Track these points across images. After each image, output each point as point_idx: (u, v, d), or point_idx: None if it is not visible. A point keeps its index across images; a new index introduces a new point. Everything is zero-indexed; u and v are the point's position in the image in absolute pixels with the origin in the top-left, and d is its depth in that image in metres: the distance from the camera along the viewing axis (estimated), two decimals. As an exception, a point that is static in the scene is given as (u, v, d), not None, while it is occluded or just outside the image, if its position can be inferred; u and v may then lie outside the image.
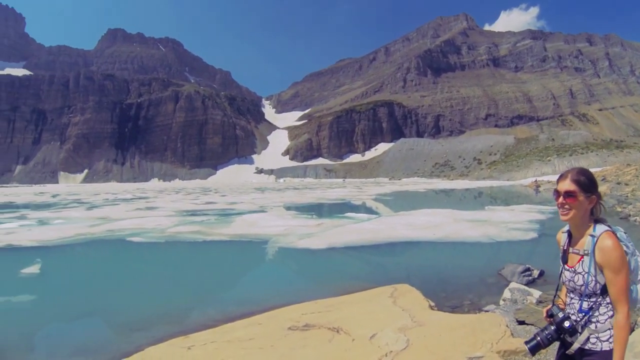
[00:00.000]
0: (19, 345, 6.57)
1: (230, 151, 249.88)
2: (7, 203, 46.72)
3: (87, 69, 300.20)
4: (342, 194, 51.27)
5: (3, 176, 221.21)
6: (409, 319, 5.96)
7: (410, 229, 15.80)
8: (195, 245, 14.75)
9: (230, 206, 31.35)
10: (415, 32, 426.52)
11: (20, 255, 13.75)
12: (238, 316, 6.95)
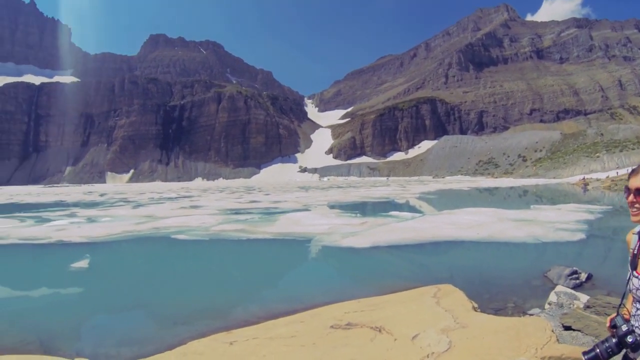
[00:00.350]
0: (68, 335, 6.83)
1: (273, 150, 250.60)
2: (58, 201, 48.28)
3: (131, 74, 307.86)
4: (386, 192, 50.87)
5: (54, 176, 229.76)
6: (452, 320, 5.87)
7: (454, 228, 15.55)
8: (239, 243, 14.85)
9: (274, 205, 31.41)
10: (456, 26, 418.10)
11: (70, 251, 14.27)
12: (280, 313, 7.00)
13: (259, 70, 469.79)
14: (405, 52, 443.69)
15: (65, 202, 45.98)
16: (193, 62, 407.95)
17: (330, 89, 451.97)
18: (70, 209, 34.40)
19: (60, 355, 5.76)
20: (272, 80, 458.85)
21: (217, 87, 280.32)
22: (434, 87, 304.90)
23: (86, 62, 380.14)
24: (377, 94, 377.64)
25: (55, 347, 6.14)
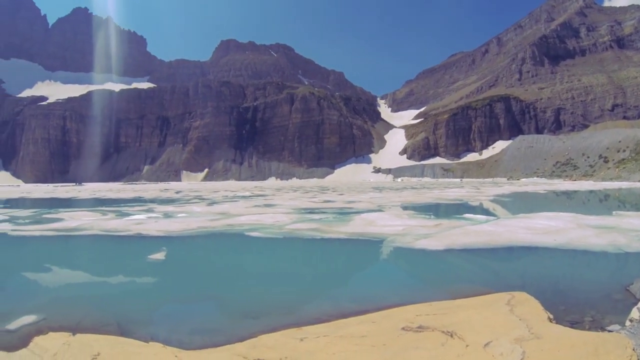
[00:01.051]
0: (143, 320, 7.29)
1: (347, 150, 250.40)
2: (136, 197, 50.84)
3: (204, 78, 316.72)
4: (460, 194, 49.75)
5: (133, 175, 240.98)
6: (526, 329, 5.73)
7: (530, 233, 15.07)
8: (313, 242, 14.99)
9: (348, 205, 31.30)
10: (528, 18, 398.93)
11: (148, 243, 15.08)
12: (352, 313, 7.06)
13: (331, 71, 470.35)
14: (476, 49, 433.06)
15: (143, 198, 48.20)
16: (264, 65, 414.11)
17: (402, 88, 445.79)
18: (148, 204, 35.98)
19: (135, 338, 6.19)
20: (344, 81, 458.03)
21: (289, 89, 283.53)
22: (507, 84, 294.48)
23: (161, 69, 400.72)
24: (450, 92, 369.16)
25: (131, 331, 6.58)
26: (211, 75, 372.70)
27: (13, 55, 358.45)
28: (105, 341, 6.02)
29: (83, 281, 10.58)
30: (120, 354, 5.56)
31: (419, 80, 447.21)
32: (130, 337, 6.27)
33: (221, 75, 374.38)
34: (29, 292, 9.60)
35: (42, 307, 7.74)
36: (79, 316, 7.25)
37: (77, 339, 6.09)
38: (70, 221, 21.29)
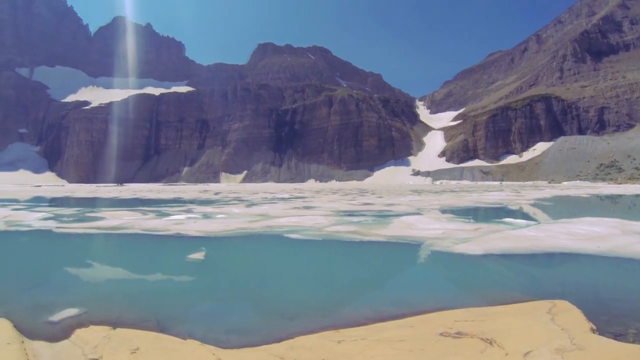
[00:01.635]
0: (181, 318, 7.40)
1: (386, 153, 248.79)
2: (176, 198, 51.44)
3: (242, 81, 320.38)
4: (499, 197, 48.82)
5: (172, 176, 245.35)
6: (568, 340, 5.58)
7: (572, 239, 14.62)
8: (352, 244, 14.91)
9: (387, 208, 30.99)
10: (568, 12, 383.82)
11: (187, 243, 15.24)
12: (389, 316, 7.01)
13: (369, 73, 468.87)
14: (515, 47, 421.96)
15: (182, 199, 48.69)
16: (302, 67, 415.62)
17: (440, 90, 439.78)
18: (187, 205, 36.32)
19: (173, 335, 6.30)
20: (382, 82, 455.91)
21: (327, 91, 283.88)
22: (548, 83, 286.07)
23: (200, 73, 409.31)
24: (489, 93, 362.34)
25: (169, 327, 6.70)
26: (249, 79, 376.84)
27: (58, 63, 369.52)
28: (144, 336, 6.16)
29: (123, 278, 10.83)
30: (158, 350, 5.67)
31: (457, 81, 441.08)
32: (169, 333, 6.39)
33: (259, 79, 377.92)
34: (71, 286, 9.92)
35: (84, 301, 7.98)
36: (119, 311, 7.45)
37: (117, 333, 6.26)
38: (111, 220, 21.80)
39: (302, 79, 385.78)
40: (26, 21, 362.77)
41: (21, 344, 5.71)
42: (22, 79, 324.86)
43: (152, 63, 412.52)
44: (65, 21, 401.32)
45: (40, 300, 8.45)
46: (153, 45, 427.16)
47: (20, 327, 6.51)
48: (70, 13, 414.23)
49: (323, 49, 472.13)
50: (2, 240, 17.41)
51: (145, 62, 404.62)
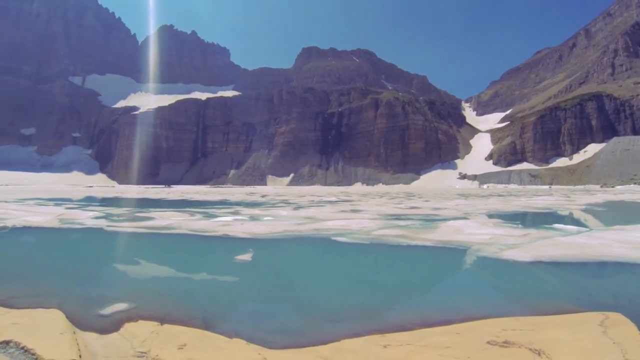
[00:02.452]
0: (227, 317, 7.51)
1: (433, 156, 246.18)
2: (223, 200, 51.85)
3: (288, 85, 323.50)
4: (549, 202, 47.29)
5: (219, 178, 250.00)
6: (620, 354, 5.32)
7: (626, 247, 13.88)
8: (399, 248, 14.71)
9: (434, 212, 30.52)
10: (617, 4, 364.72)
11: (234, 244, 15.36)
12: (435, 322, 6.91)
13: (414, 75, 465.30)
14: (563, 43, 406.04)
15: (229, 201, 49.09)
16: (347, 70, 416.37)
17: (487, 90, 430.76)
18: (234, 207, 36.50)
19: (219, 333, 6.36)
20: (427, 84, 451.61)
21: (373, 94, 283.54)
22: (599, 81, 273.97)
23: (245, 77, 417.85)
24: (537, 93, 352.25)
25: (216, 326, 6.76)
26: (295, 82, 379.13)
27: (108, 71, 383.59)
28: (191, 333, 6.27)
29: (171, 276, 11.04)
30: (205, 347, 5.74)
31: (503, 81, 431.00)
32: (215, 331, 6.46)
33: (304, 82, 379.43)
34: (121, 282, 10.25)
35: (133, 296, 8.23)
36: (167, 308, 7.59)
37: (165, 329, 6.41)
38: (160, 220, 22.23)
39: (347, 82, 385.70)
40: (78, 33, 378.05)
41: (73, 334, 5.90)
42: (75, 87, 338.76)
43: (199, 69, 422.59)
44: (114, 32, 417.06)
45: (91, 293, 8.78)
46: (199, 51, 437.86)
47: (72, 318, 6.73)
48: (119, 24, 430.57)
49: (367, 51, 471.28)
50: (57, 236, 18.05)
51: (192, 68, 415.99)
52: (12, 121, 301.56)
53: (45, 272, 11.22)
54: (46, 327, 6.14)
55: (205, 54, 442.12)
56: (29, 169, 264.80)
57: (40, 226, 20.29)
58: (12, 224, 20.49)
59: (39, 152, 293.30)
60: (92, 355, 5.48)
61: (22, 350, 5.28)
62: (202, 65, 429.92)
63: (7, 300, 7.83)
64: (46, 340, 5.59)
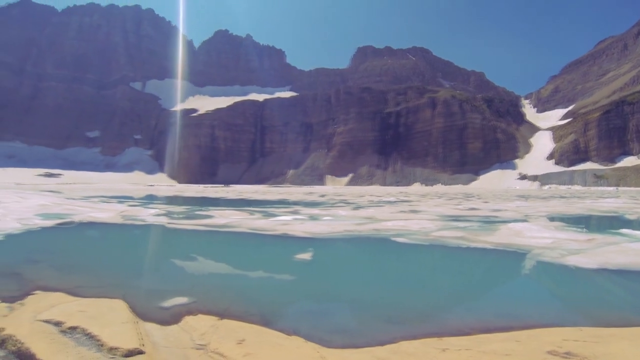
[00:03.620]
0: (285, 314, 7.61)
1: (491, 156, 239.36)
2: (281, 200, 52.15)
3: (345, 85, 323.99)
4: (616, 205, 44.67)
5: (277, 178, 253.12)
6: None
7: None
8: (458, 250, 14.47)
9: (493, 213, 29.80)
10: None
11: (293, 243, 15.44)
12: (494, 328, 6.74)
13: (471, 72, 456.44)
14: (627, 31, 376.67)
15: (288, 201, 49.30)
16: (403, 69, 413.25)
17: (547, 86, 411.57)
18: (293, 206, 36.64)
19: (277, 330, 6.43)
20: (485, 81, 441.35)
21: (430, 93, 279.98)
22: None
23: (302, 78, 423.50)
24: (600, 86, 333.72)
25: (273, 322, 6.85)
26: (351, 82, 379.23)
27: (166, 76, 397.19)
28: (249, 329, 6.38)
29: (231, 273, 11.23)
30: (263, 343, 5.82)
31: (564, 75, 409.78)
32: (273, 328, 6.53)
33: (361, 82, 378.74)
34: (181, 277, 10.54)
35: (193, 291, 8.43)
36: (226, 303, 7.73)
37: (224, 324, 6.54)
38: (219, 218, 22.55)
39: (404, 80, 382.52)
40: (136, 42, 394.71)
41: (135, 324, 6.13)
42: (135, 92, 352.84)
43: (255, 71, 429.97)
44: (171, 38, 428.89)
45: (152, 287, 9.15)
46: (254, 54, 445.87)
47: (134, 309, 7.01)
48: (175, 31, 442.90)
49: (423, 49, 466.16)
50: (120, 232, 18.82)
51: (248, 70, 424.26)
52: (78, 125, 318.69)
53: (109, 265, 11.76)
54: (110, 316, 6.40)
55: (261, 56, 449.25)
56: (93, 169, 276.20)
57: (105, 222, 21.25)
58: (78, 219, 21.52)
59: (103, 153, 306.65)
60: (153, 345, 5.66)
61: (87, 336, 5.55)
62: (258, 67, 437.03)
63: (74, 289, 8.27)
64: (110, 328, 5.83)
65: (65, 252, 13.92)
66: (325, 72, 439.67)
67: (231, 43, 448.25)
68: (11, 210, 24.12)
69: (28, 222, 19.41)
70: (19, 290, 8.24)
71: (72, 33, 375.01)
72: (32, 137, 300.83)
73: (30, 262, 11.33)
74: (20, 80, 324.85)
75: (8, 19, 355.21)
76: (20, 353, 5.15)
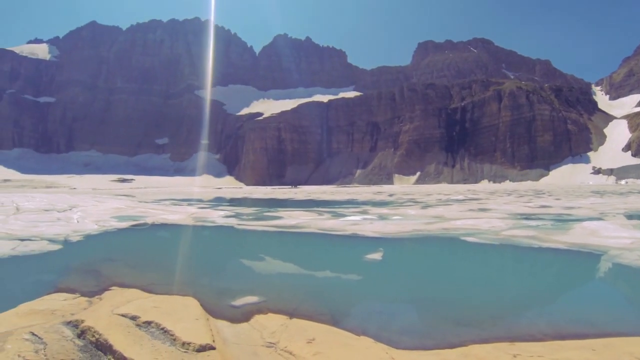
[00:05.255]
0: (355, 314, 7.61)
1: (563, 149, 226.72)
2: (350, 200, 52.07)
3: (408, 82, 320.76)
4: (703, 201, 42.15)
5: (345, 178, 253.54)
6: None
7: None
8: (530, 250, 13.92)
9: (566, 211, 28.31)
10: None
11: (363, 243, 15.32)
12: (568, 335, 6.40)
13: (536, 60, 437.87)
14: None
15: (356, 201, 49.19)
16: (466, 62, 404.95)
17: (619, 69, 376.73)
18: (362, 206, 36.50)
19: (346, 330, 6.40)
20: (551, 69, 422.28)
21: (495, 85, 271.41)
22: None
23: (364, 77, 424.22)
24: None
25: (343, 322, 6.85)
26: (414, 79, 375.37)
27: (230, 82, 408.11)
28: (319, 328, 6.41)
29: (300, 273, 11.36)
30: (333, 342, 5.83)
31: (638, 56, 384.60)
32: (342, 328, 6.53)
33: (424, 78, 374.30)
34: (251, 276, 10.84)
35: (263, 290, 8.56)
36: (296, 303, 7.82)
37: (294, 323, 6.63)
38: (288, 219, 22.74)
39: (467, 74, 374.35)
40: (198, 52, 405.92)
41: (207, 321, 6.28)
42: (201, 99, 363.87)
43: (317, 72, 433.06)
44: (232, 46, 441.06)
45: (223, 285, 9.42)
46: (315, 56, 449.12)
47: (205, 306, 7.18)
48: (235, 39, 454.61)
49: (484, 40, 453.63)
50: (191, 233, 19.47)
51: (310, 72, 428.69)
52: (148, 133, 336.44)
53: (181, 264, 12.23)
54: (182, 312, 6.62)
55: (322, 57, 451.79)
56: (164, 174, 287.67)
57: (176, 223, 22.09)
58: (151, 221, 22.52)
59: (172, 158, 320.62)
60: (224, 342, 5.81)
61: (162, 330, 5.79)
62: (320, 68, 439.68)
63: (148, 286, 8.72)
64: (183, 323, 6.03)
65: (139, 251, 14.74)
66: (388, 70, 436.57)
67: (291, 46, 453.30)
68: (89, 213, 25.58)
69: (105, 223, 20.47)
70: (97, 286, 8.80)
71: (137, 49, 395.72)
72: (106, 146, 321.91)
73: (107, 261, 12.02)
74: (94, 95, 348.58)
75: (79, 40, 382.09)
76: (98, 343, 5.45)
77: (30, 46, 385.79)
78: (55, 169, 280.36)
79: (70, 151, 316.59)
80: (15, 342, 5.27)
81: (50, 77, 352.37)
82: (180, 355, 5.15)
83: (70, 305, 7.17)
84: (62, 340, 5.48)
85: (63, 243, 14.70)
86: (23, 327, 5.92)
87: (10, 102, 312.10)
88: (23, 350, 5.05)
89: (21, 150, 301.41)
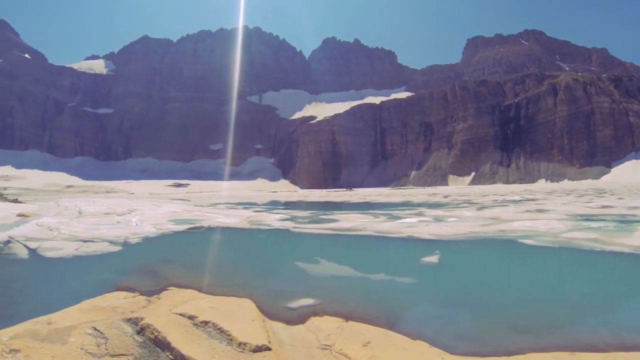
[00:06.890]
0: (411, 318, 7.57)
1: (625, 144, 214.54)
2: (405, 202, 51.67)
3: (460, 80, 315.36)
4: None
5: (400, 180, 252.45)
6: None
7: None
8: (591, 254, 13.31)
9: (630, 211, 26.85)
10: None
11: (420, 246, 15.15)
12: (633, 346, 6.11)
13: (592, 49, 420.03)
14: None
15: (411, 203, 48.82)
16: (517, 56, 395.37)
17: None
18: (417, 208, 36.13)
19: (402, 334, 6.38)
20: (609, 58, 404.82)
21: (549, 79, 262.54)
22: None
23: (415, 77, 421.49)
24: None
25: (399, 326, 6.82)
26: (466, 76, 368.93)
27: (281, 87, 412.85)
28: (375, 331, 6.42)
29: (357, 276, 11.36)
30: (389, 346, 5.84)
31: None
32: (398, 332, 6.53)
33: (476, 75, 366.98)
34: (307, 279, 10.93)
35: (319, 293, 8.66)
36: (352, 306, 7.84)
37: (349, 326, 6.67)
38: (344, 222, 22.73)
39: (520, 68, 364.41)
40: (248, 59, 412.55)
41: (263, 322, 6.47)
42: (253, 105, 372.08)
43: (368, 74, 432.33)
44: (281, 51, 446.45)
45: (279, 288, 9.55)
46: (365, 58, 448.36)
47: (262, 308, 7.38)
48: (284, 44, 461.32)
49: (536, 31, 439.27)
50: (247, 236, 19.78)
51: (361, 74, 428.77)
52: (202, 139, 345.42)
53: (237, 266, 12.59)
54: (239, 313, 6.80)
55: (372, 59, 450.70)
56: (218, 179, 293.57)
57: (232, 227, 22.42)
58: (207, 224, 22.96)
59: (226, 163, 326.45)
60: (280, 343, 5.95)
61: (218, 330, 6.00)
62: (371, 70, 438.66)
63: (205, 287, 8.99)
64: (239, 324, 6.21)
65: (196, 253, 15.17)
66: (439, 68, 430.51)
67: (340, 49, 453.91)
68: (147, 217, 26.47)
69: (162, 227, 21.20)
70: (155, 286, 9.18)
71: (189, 59, 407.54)
72: (161, 153, 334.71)
73: (165, 262, 12.46)
74: (149, 105, 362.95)
75: (132, 54, 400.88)
76: (157, 340, 5.73)
77: (87, 62, 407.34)
78: (114, 175, 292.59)
79: (128, 158, 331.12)
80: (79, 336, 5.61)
81: (107, 90, 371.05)
82: (236, 355, 5.28)
83: (130, 303, 7.52)
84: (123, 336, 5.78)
85: (123, 245, 15.39)
86: (86, 322, 6.26)
87: (72, 115, 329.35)
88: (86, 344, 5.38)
89: (82, 159, 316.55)
